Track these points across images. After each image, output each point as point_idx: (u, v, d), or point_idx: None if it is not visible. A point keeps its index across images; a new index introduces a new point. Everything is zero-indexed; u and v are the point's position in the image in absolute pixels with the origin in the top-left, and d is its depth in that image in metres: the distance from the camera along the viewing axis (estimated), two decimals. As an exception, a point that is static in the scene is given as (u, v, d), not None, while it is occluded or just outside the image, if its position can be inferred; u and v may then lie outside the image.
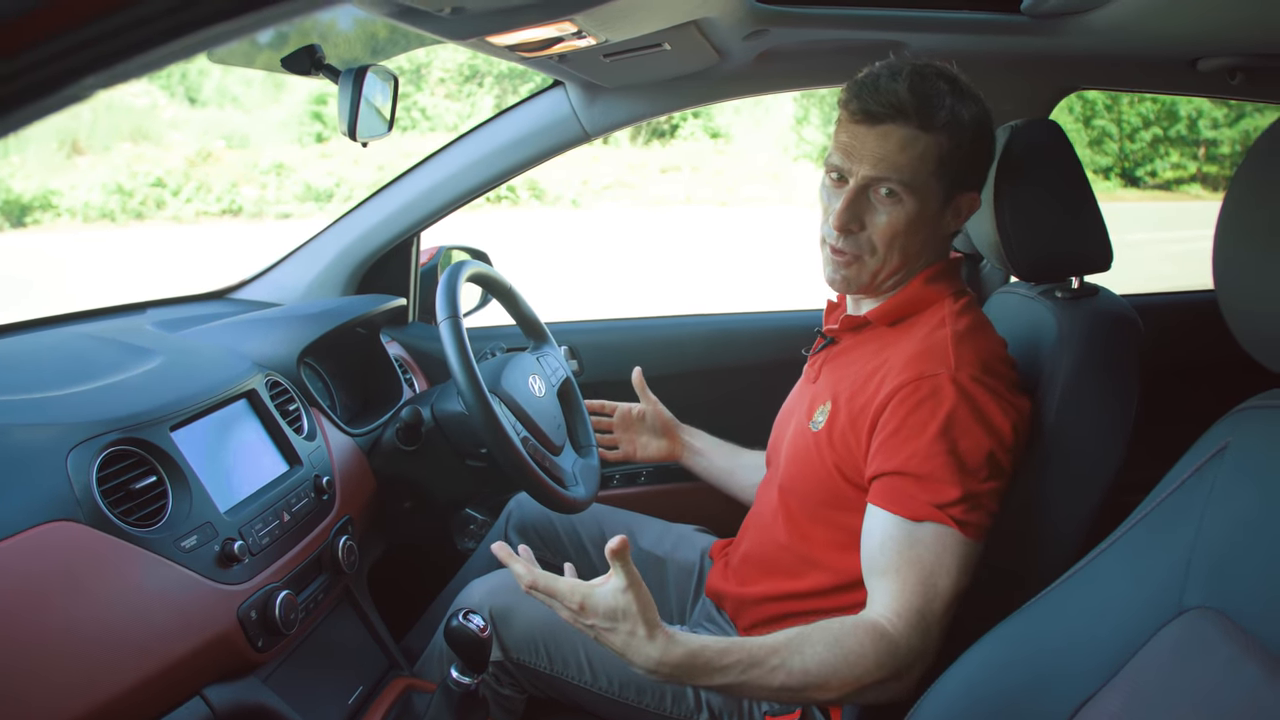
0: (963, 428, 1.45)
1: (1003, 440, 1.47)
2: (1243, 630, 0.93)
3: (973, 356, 1.50)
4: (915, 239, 1.57)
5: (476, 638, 1.44)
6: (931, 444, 1.45)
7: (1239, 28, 1.97)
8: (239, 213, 15.88)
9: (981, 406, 1.46)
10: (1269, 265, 0.90)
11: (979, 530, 1.44)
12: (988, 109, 1.57)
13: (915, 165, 1.52)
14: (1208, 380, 1.94)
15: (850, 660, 1.37)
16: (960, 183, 1.56)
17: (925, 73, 1.53)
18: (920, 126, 1.51)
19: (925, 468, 1.45)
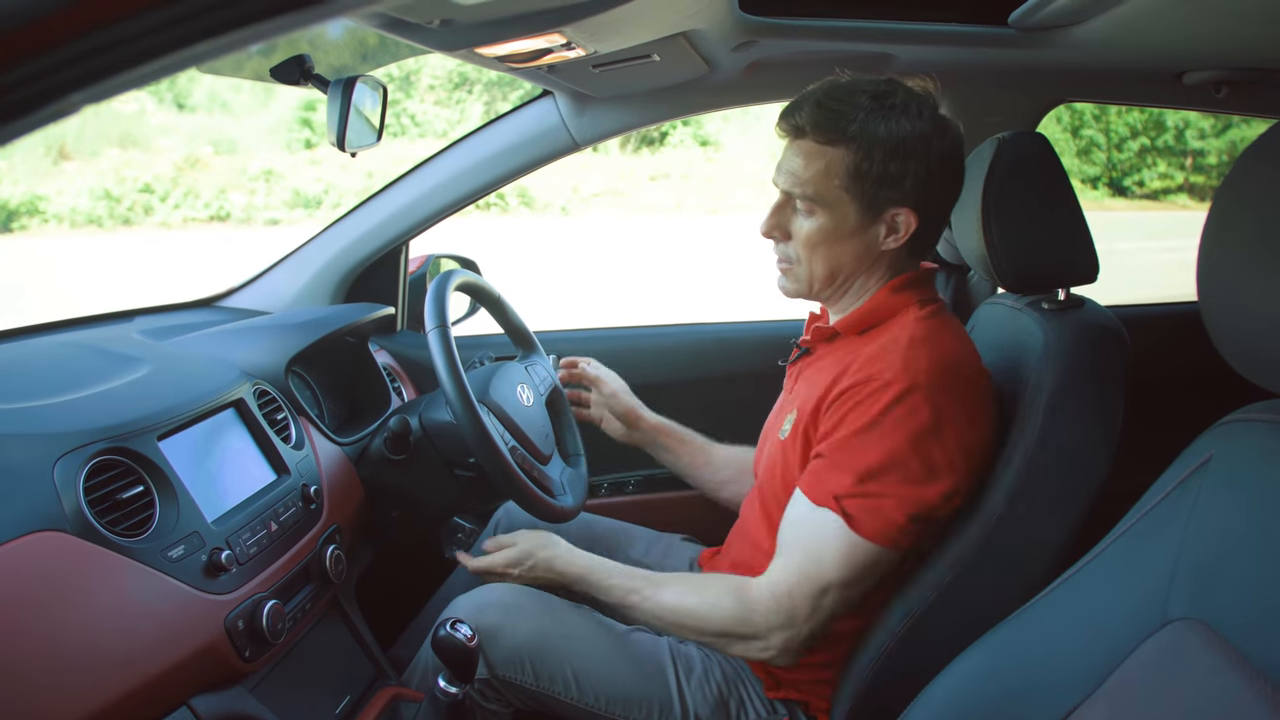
0: (887, 429, 1.49)
1: (925, 452, 1.49)
2: (1225, 641, 0.94)
3: (926, 363, 1.51)
4: (838, 250, 1.63)
5: (464, 647, 1.44)
6: (853, 437, 1.51)
7: (1225, 42, 1.98)
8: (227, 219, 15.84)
9: (915, 416, 1.48)
10: (1252, 280, 0.91)
11: (875, 531, 1.48)
12: (927, 128, 1.57)
13: (820, 179, 1.58)
14: (1193, 392, 1.95)
15: (706, 606, 1.61)
16: (885, 197, 1.58)
17: (851, 89, 1.58)
18: (825, 141, 1.57)
19: (838, 457, 1.51)
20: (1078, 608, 1.14)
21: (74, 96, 0.54)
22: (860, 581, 1.52)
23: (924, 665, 1.31)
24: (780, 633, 1.54)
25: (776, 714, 1.70)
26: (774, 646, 1.55)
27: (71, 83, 0.53)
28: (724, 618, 1.58)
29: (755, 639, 1.56)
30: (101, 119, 15.91)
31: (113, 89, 0.55)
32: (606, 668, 1.68)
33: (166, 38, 0.52)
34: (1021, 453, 1.54)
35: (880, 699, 1.53)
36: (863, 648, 1.59)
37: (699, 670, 1.71)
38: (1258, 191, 0.93)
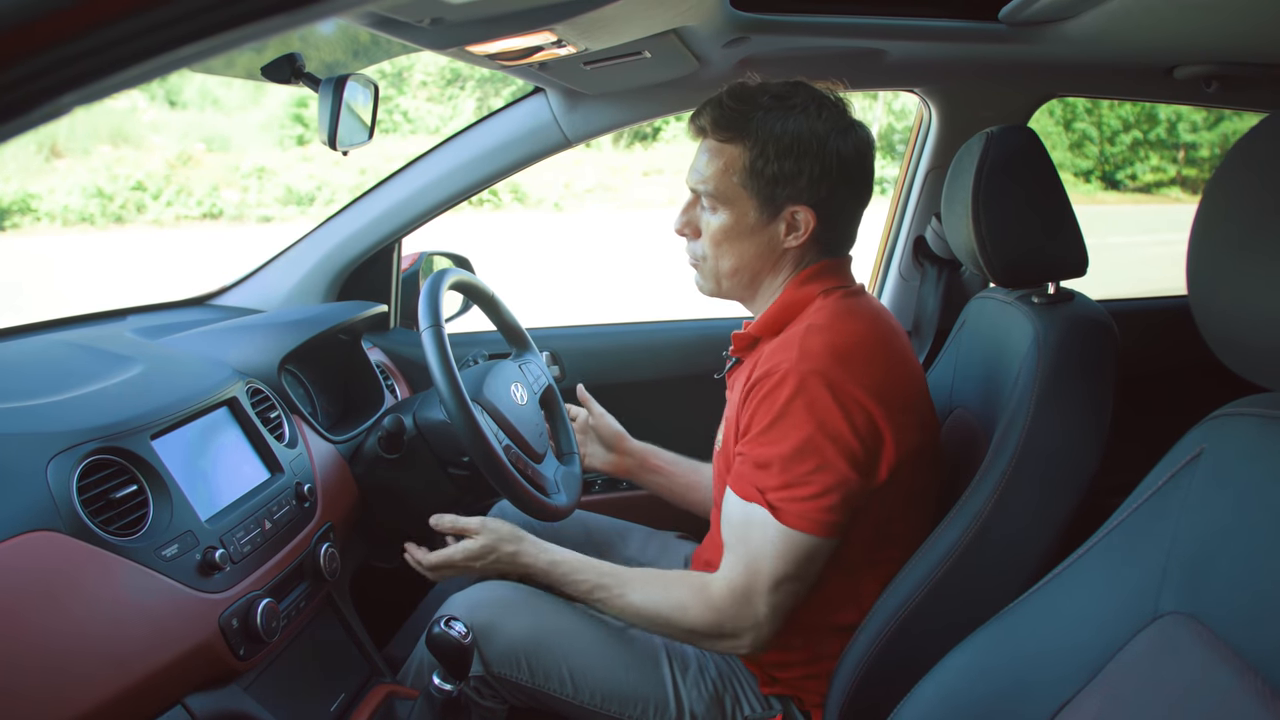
0: (794, 420, 1.50)
1: (836, 434, 1.50)
2: (1216, 635, 0.94)
3: (820, 349, 1.53)
4: (740, 247, 1.67)
5: (459, 644, 1.44)
6: (764, 433, 1.53)
7: (1215, 36, 1.98)
8: (220, 216, 15.79)
9: (817, 402, 1.50)
10: (1242, 275, 0.91)
11: (803, 521, 1.50)
12: (824, 128, 1.60)
13: (718, 176, 1.64)
14: (1184, 385, 1.95)
15: (675, 608, 1.60)
16: (781, 195, 1.62)
17: (750, 91, 1.64)
18: (724, 139, 1.63)
19: (755, 454, 1.54)
20: (1069, 602, 1.14)
21: (66, 98, 0.54)
22: (803, 572, 1.54)
23: (917, 660, 1.31)
24: (749, 634, 1.56)
25: (771, 709, 1.70)
26: (744, 646, 1.58)
27: (63, 84, 0.53)
28: (695, 619, 1.58)
29: (723, 639, 1.59)
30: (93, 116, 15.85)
31: (105, 90, 0.55)
32: (602, 665, 1.69)
33: (159, 39, 0.52)
34: (1011, 446, 1.54)
35: (874, 694, 1.53)
36: (856, 643, 1.59)
37: (694, 667, 1.72)
38: (1247, 186, 0.93)
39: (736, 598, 1.55)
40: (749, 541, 1.55)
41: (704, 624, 1.57)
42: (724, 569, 1.58)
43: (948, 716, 1.20)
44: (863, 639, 1.58)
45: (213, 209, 15.87)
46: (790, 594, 1.54)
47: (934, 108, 2.56)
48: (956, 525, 1.55)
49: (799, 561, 1.52)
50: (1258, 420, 1.01)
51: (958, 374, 1.96)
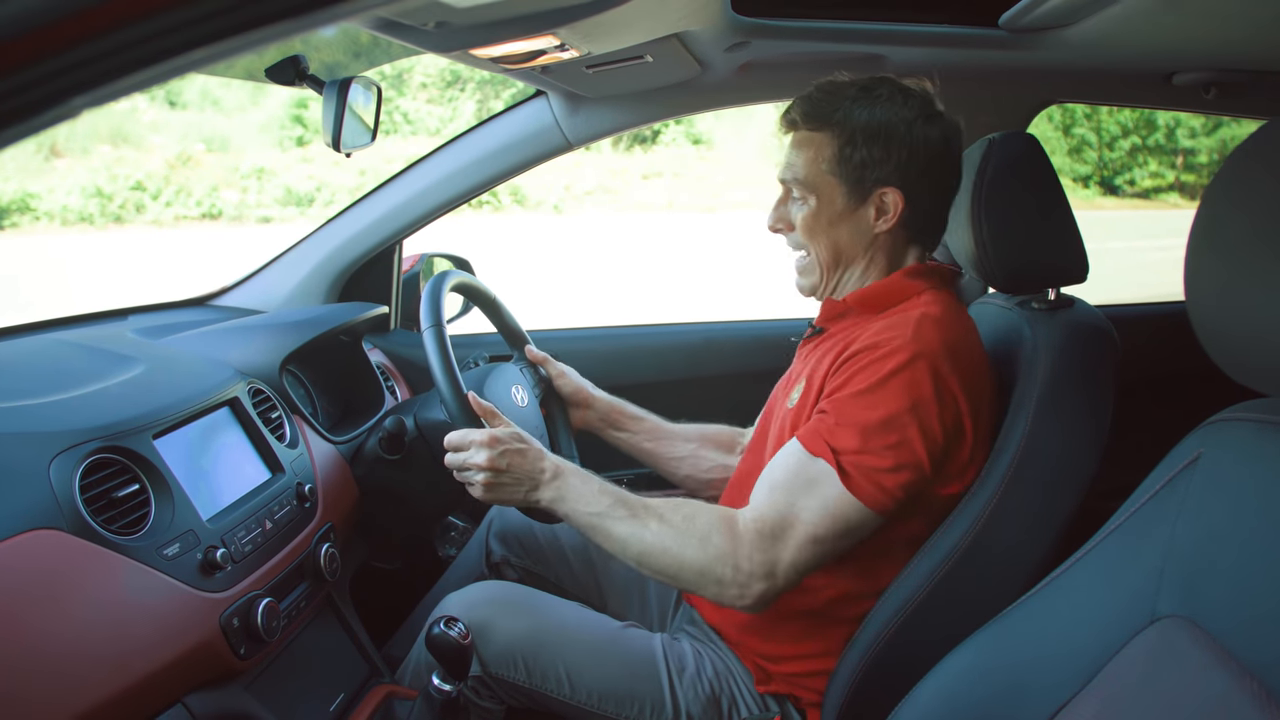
0: (891, 393, 1.50)
1: (925, 426, 1.50)
2: (1213, 639, 0.94)
3: (935, 336, 1.54)
4: (833, 233, 1.70)
5: (457, 645, 1.44)
6: (857, 397, 1.52)
7: (1214, 44, 1.99)
8: (219, 217, 15.80)
9: (918, 384, 1.51)
10: (1239, 281, 0.91)
11: (865, 491, 1.49)
12: (911, 114, 1.64)
13: (808, 164, 1.68)
14: (1182, 390, 1.96)
15: (696, 539, 1.52)
16: (870, 178, 1.65)
17: (837, 85, 1.69)
18: (812, 128, 1.68)
19: (841, 414, 1.53)
20: (1067, 605, 1.14)
21: (76, 100, 0.55)
22: (838, 539, 1.51)
23: (915, 661, 1.32)
24: (761, 583, 1.50)
25: (768, 710, 1.71)
26: (750, 596, 1.50)
27: (74, 88, 0.54)
28: (714, 552, 1.51)
29: (734, 583, 1.50)
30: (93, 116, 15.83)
31: (116, 93, 0.55)
32: (599, 665, 1.69)
33: (170, 43, 0.53)
34: (1011, 450, 1.55)
35: (872, 694, 1.53)
36: (855, 643, 1.59)
37: (690, 668, 1.72)
38: (1245, 194, 0.94)
39: (764, 538, 1.50)
40: (799, 489, 1.52)
41: (723, 557, 1.50)
42: (760, 505, 1.54)
43: (947, 716, 1.20)
44: (862, 640, 1.58)
45: (212, 209, 15.88)
46: (814, 557, 1.51)
47: (934, 113, 2.56)
48: (957, 528, 1.55)
49: (841, 527, 1.50)
50: (1254, 425, 1.01)
51: None
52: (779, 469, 1.57)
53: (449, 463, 1.66)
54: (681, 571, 1.54)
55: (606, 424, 2.16)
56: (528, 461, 1.63)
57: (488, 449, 1.62)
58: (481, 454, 1.62)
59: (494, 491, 1.64)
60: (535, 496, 1.63)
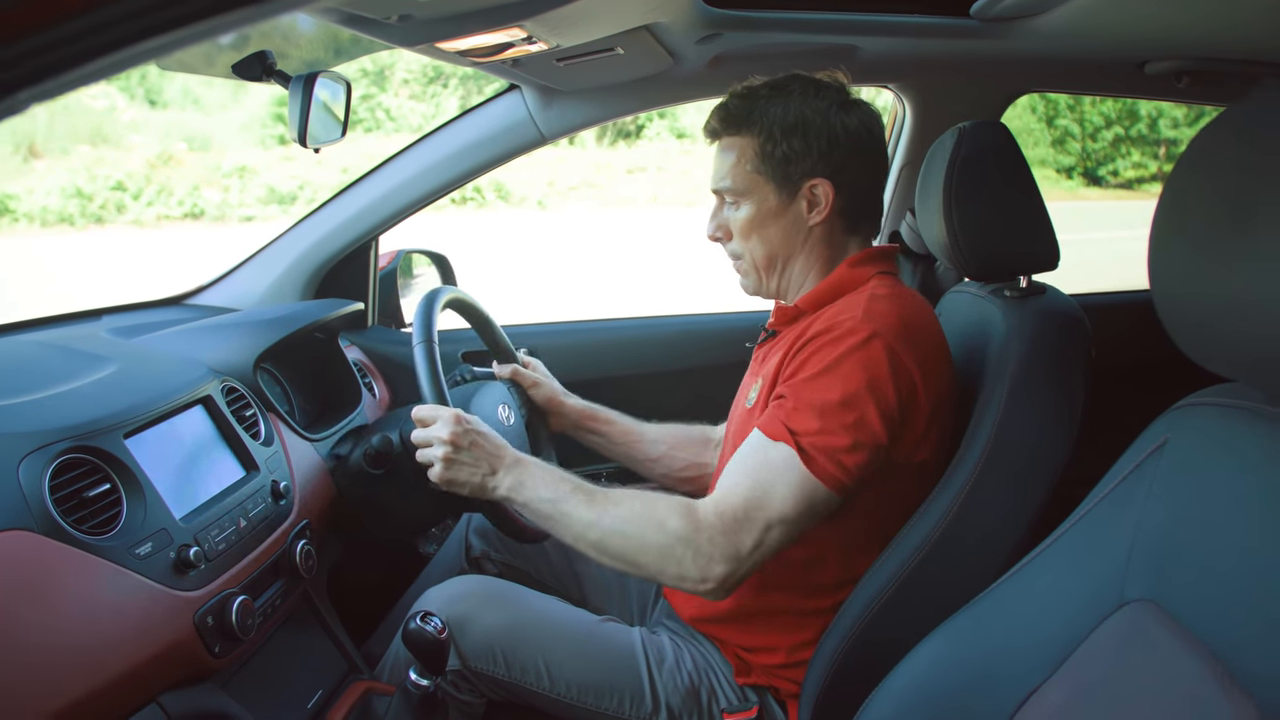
0: (846, 372, 1.51)
1: (882, 403, 1.51)
2: (1178, 622, 0.95)
3: (887, 312, 1.56)
4: (768, 233, 1.72)
5: (434, 639, 1.44)
6: (812, 379, 1.53)
7: (1183, 32, 2.00)
8: (201, 216, 15.70)
9: (874, 361, 1.52)
10: (1201, 268, 0.92)
11: (824, 473, 1.49)
12: (825, 104, 1.66)
13: (734, 168, 1.70)
14: (1154, 377, 1.97)
15: (654, 523, 1.51)
16: (796, 172, 1.67)
17: (749, 88, 1.71)
18: (733, 133, 1.71)
19: (798, 397, 1.53)
20: (1038, 591, 1.15)
21: (21, 94, 0.54)
22: (801, 520, 1.51)
23: (890, 650, 1.33)
24: (722, 566, 1.49)
25: (747, 701, 1.71)
26: (712, 579, 1.49)
27: (18, 81, 0.53)
28: (671, 538, 1.50)
29: (694, 568, 1.49)
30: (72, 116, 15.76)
31: (63, 86, 0.55)
32: (578, 658, 1.69)
33: (115, 35, 0.53)
34: (983, 438, 1.55)
35: (849, 683, 1.54)
36: (831, 633, 1.60)
37: (670, 660, 1.72)
38: (1206, 180, 0.94)
39: (726, 522, 1.50)
40: (761, 474, 1.53)
41: (682, 543, 1.49)
42: (719, 493, 1.54)
43: (919, 705, 1.21)
44: (838, 629, 1.59)
45: (194, 209, 15.78)
46: (778, 540, 1.51)
47: (908, 103, 2.57)
48: (930, 516, 1.56)
49: (804, 508, 1.51)
50: (1218, 410, 1.02)
51: None
52: (740, 458, 1.57)
53: (414, 438, 1.68)
54: (640, 556, 1.53)
55: (580, 429, 2.18)
56: (489, 444, 1.64)
57: (452, 425, 1.63)
58: (446, 429, 1.63)
59: (452, 469, 1.63)
60: (494, 482, 1.63)
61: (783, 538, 1.51)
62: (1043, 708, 1.08)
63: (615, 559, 1.56)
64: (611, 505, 1.56)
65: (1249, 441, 0.96)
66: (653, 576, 1.57)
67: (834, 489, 1.50)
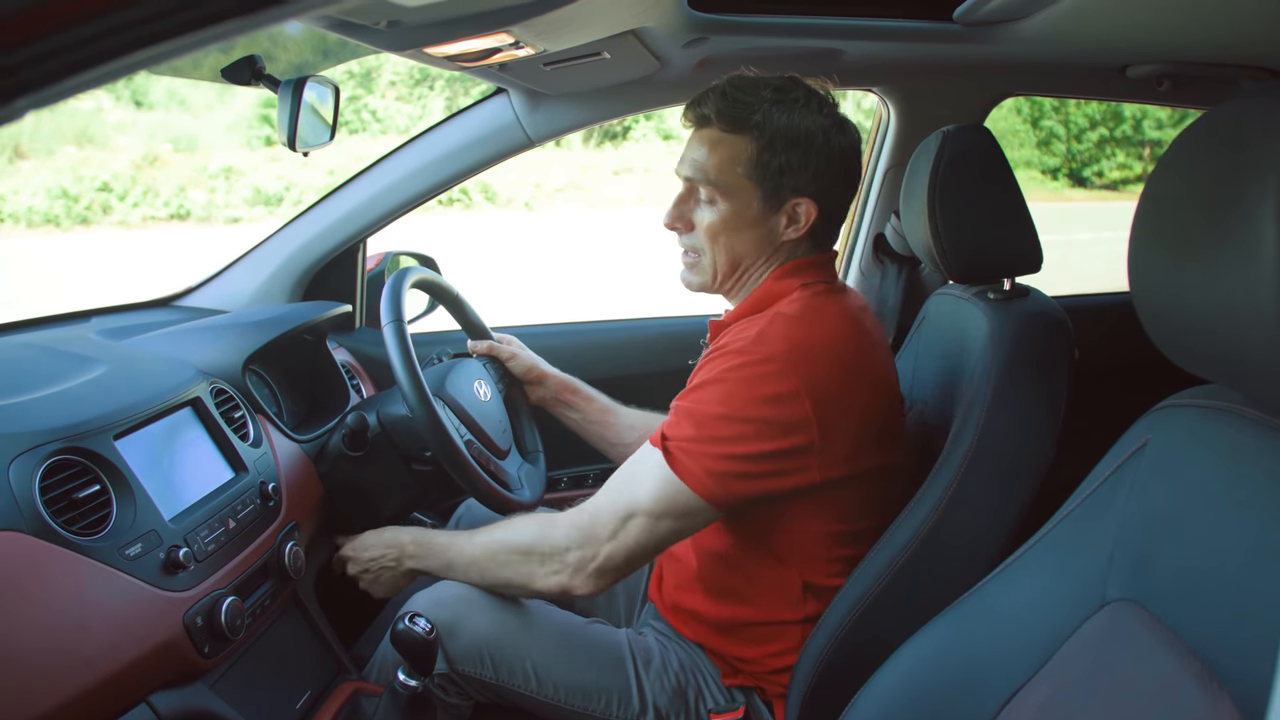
0: (728, 389, 1.52)
1: (761, 419, 1.51)
2: (1159, 620, 0.96)
3: (779, 337, 1.54)
4: (739, 239, 1.67)
5: (422, 640, 1.45)
6: (696, 390, 1.56)
7: (1163, 36, 2.02)
8: (187, 217, 15.62)
9: (757, 380, 1.51)
10: (1180, 271, 0.93)
11: (691, 476, 1.51)
12: (827, 123, 1.63)
13: (723, 166, 1.63)
14: (1136, 379, 1.98)
15: (515, 530, 1.67)
16: (785, 187, 1.63)
17: (756, 83, 1.64)
18: (727, 129, 1.63)
19: (681, 407, 1.56)
20: (1021, 591, 1.16)
21: (20, 102, 0.55)
22: (669, 516, 1.54)
23: (876, 651, 1.33)
24: (575, 552, 1.58)
25: (734, 701, 1.72)
26: (569, 565, 1.59)
27: (17, 89, 0.54)
28: (526, 538, 1.64)
29: (551, 558, 1.60)
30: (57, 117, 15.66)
31: (60, 94, 0.56)
32: (565, 660, 1.70)
33: (114, 44, 0.53)
34: (967, 439, 1.56)
35: (835, 684, 1.54)
36: (817, 634, 1.61)
37: (657, 661, 1.73)
38: (1184, 182, 0.95)
39: (583, 515, 1.60)
40: (629, 473, 1.59)
41: (536, 537, 1.63)
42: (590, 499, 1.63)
43: (904, 705, 1.22)
44: (823, 630, 1.59)
45: (180, 210, 15.70)
46: (641, 530, 1.55)
47: (892, 107, 2.58)
48: (914, 518, 1.57)
49: (668, 507, 1.53)
50: (1198, 411, 1.03)
51: (917, 370, 1.98)
52: (620, 468, 1.63)
53: None
54: (509, 563, 1.66)
55: (558, 402, 2.20)
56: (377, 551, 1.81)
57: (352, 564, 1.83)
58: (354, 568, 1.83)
59: (375, 586, 1.83)
60: (407, 567, 1.80)
61: (646, 531, 1.55)
62: (1026, 707, 1.09)
63: (496, 584, 1.71)
64: (483, 534, 1.71)
65: (1228, 442, 0.97)
66: (525, 581, 1.66)
67: (702, 494, 1.52)
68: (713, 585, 1.74)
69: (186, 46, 0.56)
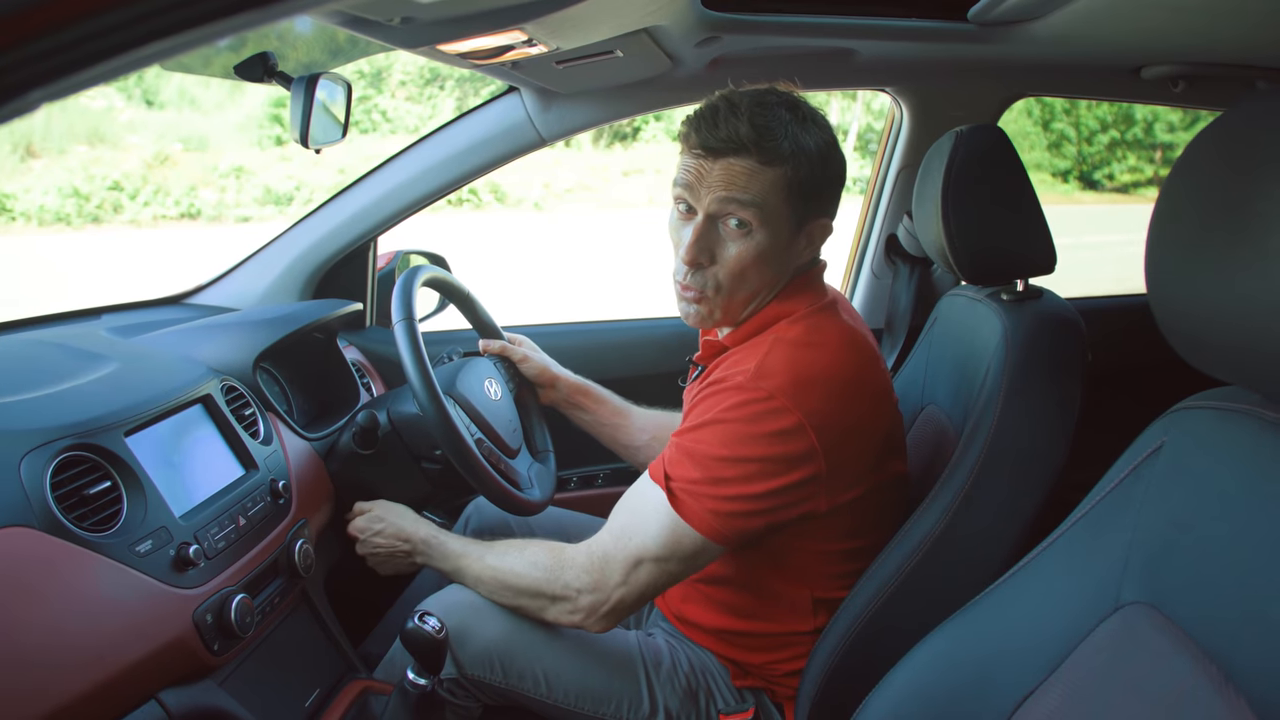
0: (729, 427, 1.50)
1: (767, 463, 1.48)
2: (1174, 624, 0.95)
3: (780, 368, 1.50)
4: (765, 271, 1.58)
5: (432, 639, 1.44)
6: (696, 429, 1.53)
7: (1178, 37, 2.01)
8: (197, 216, 15.66)
9: (758, 418, 1.48)
10: (1197, 270, 0.92)
11: (696, 517, 1.50)
12: (833, 135, 1.58)
13: (765, 193, 1.52)
14: (1150, 381, 1.97)
15: (524, 564, 1.65)
16: (812, 210, 1.58)
17: (766, 102, 1.54)
18: (763, 160, 1.51)
19: (682, 443, 1.54)
20: (1034, 594, 1.15)
21: (34, 94, 0.55)
22: (675, 559, 1.53)
23: (886, 653, 1.33)
24: (588, 596, 1.58)
25: (744, 702, 1.71)
26: (582, 609, 1.59)
27: (30, 81, 0.54)
28: (538, 576, 1.62)
29: (564, 600, 1.60)
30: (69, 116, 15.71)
31: (73, 86, 0.55)
32: (575, 664, 1.69)
33: (126, 36, 0.53)
34: (980, 441, 1.56)
35: (844, 687, 1.54)
36: (827, 637, 1.60)
37: (667, 663, 1.73)
38: (1201, 184, 0.95)
39: (593, 559, 1.58)
40: (634, 513, 1.57)
41: (549, 581, 1.61)
42: (596, 535, 1.61)
43: (915, 707, 1.21)
44: (833, 633, 1.59)
45: (190, 209, 15.73)
46: (657, 575, 1.54)
47: (905, 107, 2.58)
48: (925, 520, 1.56)
49: (675, 549, 1.52)
50: (1215, 413, 1.02)
51: (929, 371, 1.98)
52: (625, 497, 1.63)
53: None
54: (520, 595, 1.66)
55: (570, 404, 2.19)
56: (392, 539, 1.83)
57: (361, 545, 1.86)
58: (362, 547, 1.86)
59: (383, 566, 1.87)
60: (415, 560, 1.83)
61: (654, 575, 1.55)
62: (1039, 710, 1.08)
63: (506, 604, 1.69)
64: (494, 558, 1.69)
65: (1246, 444, 0.96)
66: (537, 613, 1.66)
67: (708, 535, 1.51)
68: (720, 602, 1.74)
69: (201, 39, 0.55)
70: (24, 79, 0.53)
